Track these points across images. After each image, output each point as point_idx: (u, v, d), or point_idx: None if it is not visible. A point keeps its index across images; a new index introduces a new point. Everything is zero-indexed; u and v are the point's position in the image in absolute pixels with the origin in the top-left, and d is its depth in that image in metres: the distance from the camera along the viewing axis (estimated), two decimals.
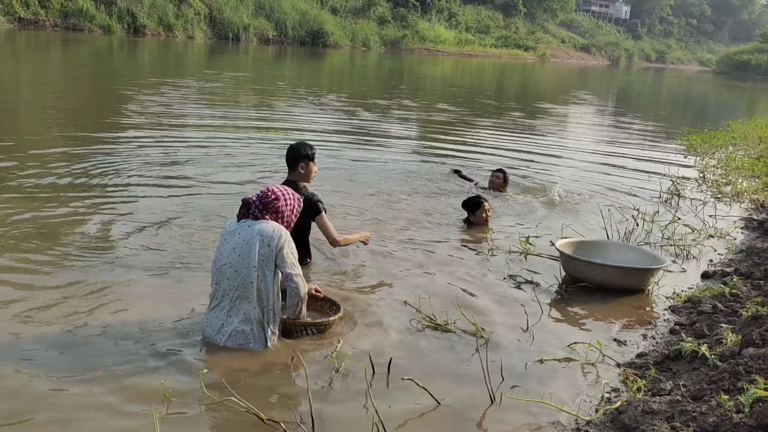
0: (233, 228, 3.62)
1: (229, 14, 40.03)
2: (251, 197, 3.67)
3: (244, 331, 3.54)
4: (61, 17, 32.45)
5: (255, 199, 3.64)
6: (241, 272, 3.50)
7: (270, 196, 3.65)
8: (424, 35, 54.48)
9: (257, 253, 3.49)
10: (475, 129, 13.81)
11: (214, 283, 3.62)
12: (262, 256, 3.51)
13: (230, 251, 3.54)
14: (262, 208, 3.62)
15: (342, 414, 3.11)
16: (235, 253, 3.52)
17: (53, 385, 3.13)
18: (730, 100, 36.79)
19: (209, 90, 16.64)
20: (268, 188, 3.74)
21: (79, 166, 7.35)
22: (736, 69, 77.96)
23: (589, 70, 61.40)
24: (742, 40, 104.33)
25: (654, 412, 3.00)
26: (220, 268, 3.57)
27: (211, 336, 3.58)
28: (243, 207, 3.64)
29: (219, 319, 3.57)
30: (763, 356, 3.33)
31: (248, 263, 3.49)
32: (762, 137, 14.18)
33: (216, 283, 3.60)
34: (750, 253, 6.04)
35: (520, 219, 6.91)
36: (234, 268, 3.51)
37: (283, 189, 3.76)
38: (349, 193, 7.31)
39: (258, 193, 3.71)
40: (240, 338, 3.54)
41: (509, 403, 3.26)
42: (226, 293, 3.55)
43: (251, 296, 3.52)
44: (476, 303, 4.55)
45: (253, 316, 3.54)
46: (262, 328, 3.57)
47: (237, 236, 3.56)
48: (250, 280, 3.50)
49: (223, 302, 3.56)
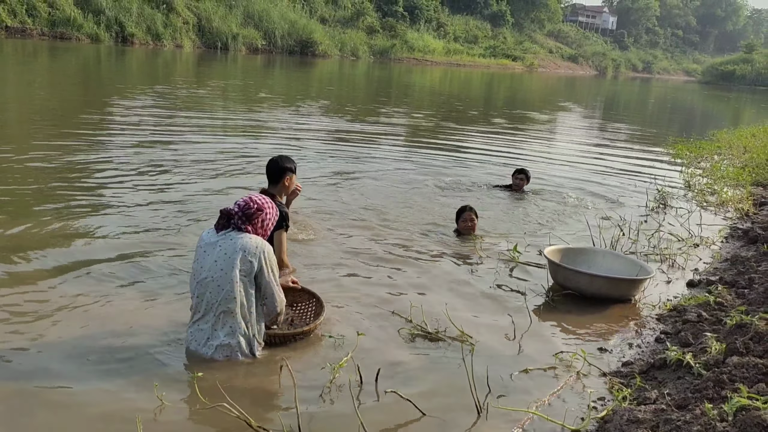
0: (213, 240, 3.55)
1: (217, 23, 40.03)
2: (232, 208, 3.59)
3: (230, 345, 3.50)
4: (48, 26, 32.29)
5: (237, 210, 3.57)
6: (224, 287, 3.45)
7: (253, 207, 3.58)
8: (412, 45, 54.76)
9: (239, 269, 3.46)
10: (463, 136, 13.85)
11: (195, 296, 3.55)
12: (244, 272, 3.47)
13: (212, 264, 3.48)
14: (245, 219, 3.56)
15: (329, 424, 3.10)
16: (216, 266, 3.46)
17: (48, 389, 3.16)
18: (715, 109, 37.17)
19: (194, 98, 16.60)
20: (250, 198, 3.64)
21: (59, 170, 7.31)
22: (721, 79, 78.98)
23: (576, 79, 61.89)
24: (727, 50, 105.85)
25: (639, 421, 3.01)
26: (201, 282, 3.50)
27: (197, 349, 3.54)
28: (222, 218, 3.57)
29: (204, 332, 3.53)
30: (747, 365, 3.36)
31: (231, 278, 3.44)
32: (747, 147, 14.33)
33: (197, 296, 3.54)
34: (735, 261, 6.08)
35: (517, 223, 6.97)
36: (216, 282, 3.46)
37: (263, 199, 3.69)
38: (339, 201, 7.31)
39: (239, 203, 3.61)
40: (227, 351, 3.51)
41: (495, 413, 3.26)
42: (210, 307, 3.49)
43: (235, 311, 3.48)
44: (463, 312, 4.55)
45: (239, 330, 3.51)
46: (248, 341, 3.56)
47: (218, 248, 3.50)
48: (233, 295, 3.46)
49: (207, 316, 3.51)
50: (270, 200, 3.74)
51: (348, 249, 5.69)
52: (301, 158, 9.43)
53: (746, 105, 43.47)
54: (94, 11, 34.08)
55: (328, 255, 5.47)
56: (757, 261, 5.93)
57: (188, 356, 3.58)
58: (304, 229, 6.00)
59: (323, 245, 5.74)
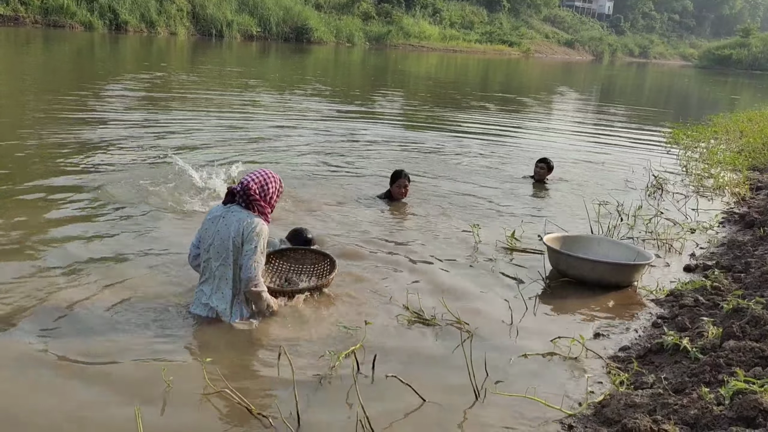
0: (219, 212, 3.90)
1: (212, 10, 39.67)
2: (236, 187, 3.91)
3: (217, 308, 3.87)
4: (41, 14, 31.96)
5: (239, 190, 3.87)
6: (222, 255, 3.83)
7: (254, 194, 3.85)
8: (408, 31, 54.40)
9: (232, 241, 3.80)
10: (460, 122, 13.82)
11: (202, 261, 3.94)
12: (236, 246, 3.80)
13: (214, 234, 3.85)
14: (246, 200, 3.86)
15: (328, 411, 3.12)
16: (219, 236, 3.83)
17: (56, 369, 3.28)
18: (712, 94, 37.12)
19: (181, 84, 16.51)
20: (252, 179, 3.90)
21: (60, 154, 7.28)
22: (718, 63, 78.74)
23: (573, 65, 61.68)
24: (724, 34, 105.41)
25: (636, 405, 3.03)
26: (208, 248, 3.88)
27: (194, 311, 3.92)
28: (228, 194, 3.91)
29: (205, 294, 3.91)
30: (743, 349, 3.37)
31: (227, 247, 3.81)
32: (743, 131, 14.33)
33: (204, 261, 3.92)
34: (731, 246, 6.10)
35: (515, 211, 6.98)
36: (217, 250, 3.85)
37: (266, 178, 3.92)
38: (332, 193, 7.29)
39: (243, 182, 3.90)
40: (211, 313, 3.88)
41: (493, 399, 3.28)
42: (213, 273, 3.88)
43: (229, 279, 3.85)
44: (461, 298, 4.56)
45: (228, 296, 3.86)
46: (239, 306, 3.89)
47: (221, 221, 3.86)
48: (228, 263, 3.83)
49: (209, 280, 3.90)
50: (267, 175, 3.96)
51: (342, 235, 5.69)
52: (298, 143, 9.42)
53: (743, 89, 43.43)
54: None
55: (322, 240, 5.46)
56: (754, 245, 5.95)
57: (200, 334, 3.75)
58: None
59: (313, 224, 5.78)
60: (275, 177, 4.00)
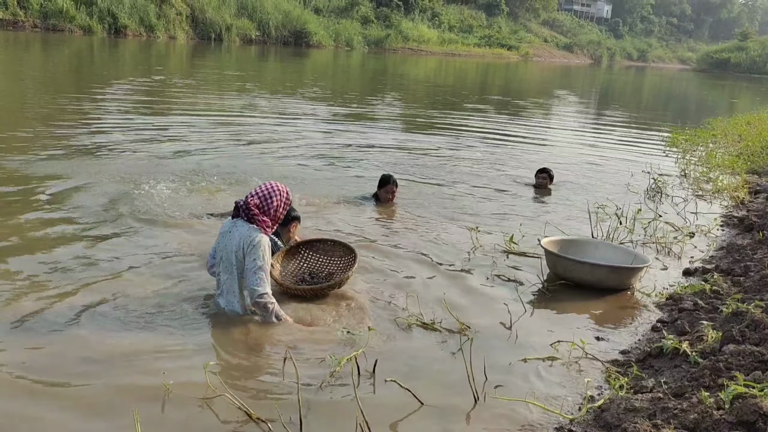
0: (228, 228, 4.01)
1: (211, 14, 39.73)
2: (239, 201, 4.00)
3: (225, 309, 4.03)
4: (40, 18, 32.00)
5: (242, 205, 3.95)
6: (228, 268, 3.97)
7: (253, 210, 3.93)
8: (407, 35, 54.49)
9: (234, 255, 3.92)
10: (459, 125, 13.82)
11: (216, 273, 4.08)
12: (239, 260, 3.92)
13: (223, 247, 3.98)
14: (249, 215, 3.94)
15: (328, 415, 3.11)
16: (225, 250, 3.96)
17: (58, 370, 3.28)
18: (710, 97, 37.17)
19: (183, 87, 16.52)
20: (255, 193, 3.98)
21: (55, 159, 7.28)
22: (716, 67, 78.98)
23: (572, 68, 61.77)
24: (722, 38, 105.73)
25: (636, 410, 3.02)
26: (219, 262, 4.03)
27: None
28: (235, 209, 4.01)
29: (220, 306, 4.04)
30: (743, 353, 3.37)
31: (231, 261, 3.94)
32: (742, 134, 14.34)
33: (218, 274, 4.06)
34: (730, 249, 6.10)
35: (514, 217, 6.97)
36: (225, 264, 3.98)
37: (270, 192, 3.98)
38: (330, 194, 7.29)
39: (247, 197, 3.98)
40: (218, 309, 4.04)
41: (493, 403, 3.27)
42: (222, 286, 4.02)
43: (236, 292, 4.00)
44: (460, 302, 4.56)
45: (238, 308, 4.01)
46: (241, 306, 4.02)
47: (228, 235, 3.98)
48: (234, 276, 3.96)
49: (222, 293, 4.03)
50: (272, 187, 4.01)
51: (342, 238, 5.67)
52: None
53: (741, 93, 43.50)
54: (87, 2, 33.71)
55: None
56: (753, 249, 5.95)
57: (204, 338, 3.78)
58: None
59: (311, 226, 5.77)
60: (281, 189, 4.02)
